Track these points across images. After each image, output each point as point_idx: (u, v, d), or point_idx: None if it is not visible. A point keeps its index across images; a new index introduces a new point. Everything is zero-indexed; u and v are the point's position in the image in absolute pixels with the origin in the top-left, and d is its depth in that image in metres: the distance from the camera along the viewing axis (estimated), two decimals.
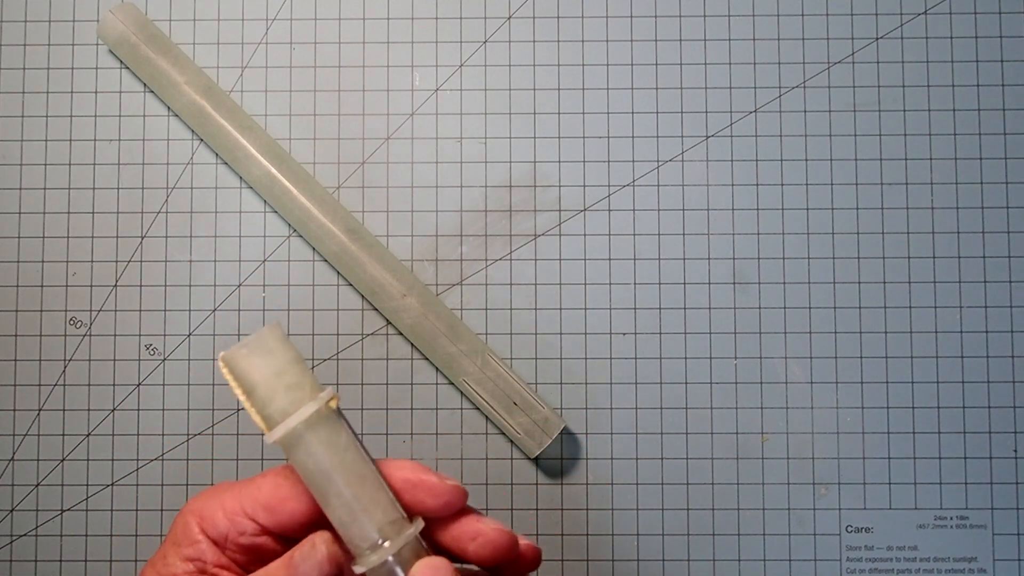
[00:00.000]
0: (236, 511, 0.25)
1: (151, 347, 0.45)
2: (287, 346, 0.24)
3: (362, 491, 0.24)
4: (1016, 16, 0.46)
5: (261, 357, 0.23)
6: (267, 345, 0.24)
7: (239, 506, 0.25)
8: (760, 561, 0.44)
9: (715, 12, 0.46)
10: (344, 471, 0.24)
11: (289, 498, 0.25)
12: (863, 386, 0.45)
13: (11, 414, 0.45)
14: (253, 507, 0.25)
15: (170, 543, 0.26)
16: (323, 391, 0.24)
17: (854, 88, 0.46)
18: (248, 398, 0.24)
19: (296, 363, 0.24)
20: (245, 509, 0.25)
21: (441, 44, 0.46)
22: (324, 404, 0.24)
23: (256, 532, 0.25)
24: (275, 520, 0.25)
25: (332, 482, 0.24)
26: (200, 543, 0.25)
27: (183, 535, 0.26)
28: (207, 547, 0.25)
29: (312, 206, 0.44)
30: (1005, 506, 0.44)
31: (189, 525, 0.26)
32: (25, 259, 0.46)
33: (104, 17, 0.45)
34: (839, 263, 0.45)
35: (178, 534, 0.26)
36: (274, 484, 0.25)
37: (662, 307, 0.45)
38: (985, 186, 0.45)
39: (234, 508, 0.25)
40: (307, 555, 0.24)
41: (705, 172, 0.46)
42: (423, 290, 0.44)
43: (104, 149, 0.46)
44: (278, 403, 0.23)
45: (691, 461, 0.45)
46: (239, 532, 0.25)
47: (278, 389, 0.23)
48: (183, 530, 0.26)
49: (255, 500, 0.25)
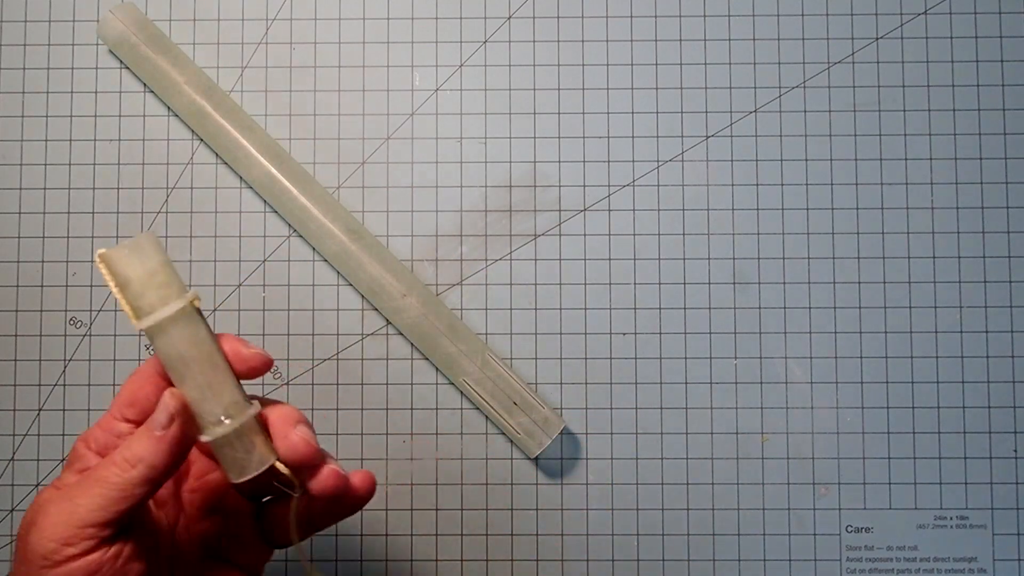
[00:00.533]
0: (107, 421, 0.30)
1: (151, 347, 0.45)
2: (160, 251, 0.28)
3: (214, 377, 0.28)
4: (1016, 16, 0.46)
5: (136, 257, 0.27)
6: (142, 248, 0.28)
7: (109, 415, 0.30)
8: (760, 561, 0.44)
9: (715, 12, 0.46)
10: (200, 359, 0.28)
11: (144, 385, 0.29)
12: (863, 386, 0.45)
13: (11, 414, 0.45)
14: (119, 408, 0.30)
15: (64, 470, 0.30)
16: (188, 292, 0.28)
17: (854, 88, 0.46)
18: (122, 292, 0.27)
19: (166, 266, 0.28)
20: (113, 414, 0.30)
21: (441, 44, 0.46)
22: (188, 303, 0.28)
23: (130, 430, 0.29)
24: (139, 410, 0.29)
25: (188, 367, 0.28)
26: (86, 455, 0.29)
27: (73, 459, 0.30)
28: (92, 457, 0.29)
29: (312, 206, 0.44)
30: (1005, 506, 0.44)
31: (77, 448, 0.30)
32: (25, 259, 0.46)
33: (104, 17, 0.45)
34: (839, 263, 0.45)
35: (70, 459, 0.30)
36: (129, 382, 0.30)
37: (662, 307, 0.45)
38: (985, 186, 0.45)
39: (106, 420, 0.30)
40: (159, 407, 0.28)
41: (705, 172, 0.46)
42: (423, 290, 0.44)
43: (104, 149, 0.46)
44: (148, 298, 0.27)
45: (691, 461, 0.45)
46: (116, 435, 0.29)
47: (150, 286, 0.27)
48: (73, 455, 0.30)
49: (119, 402, 0.30)
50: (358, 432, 0.45)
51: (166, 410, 0.28)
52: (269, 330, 0.45)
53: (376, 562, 0.44)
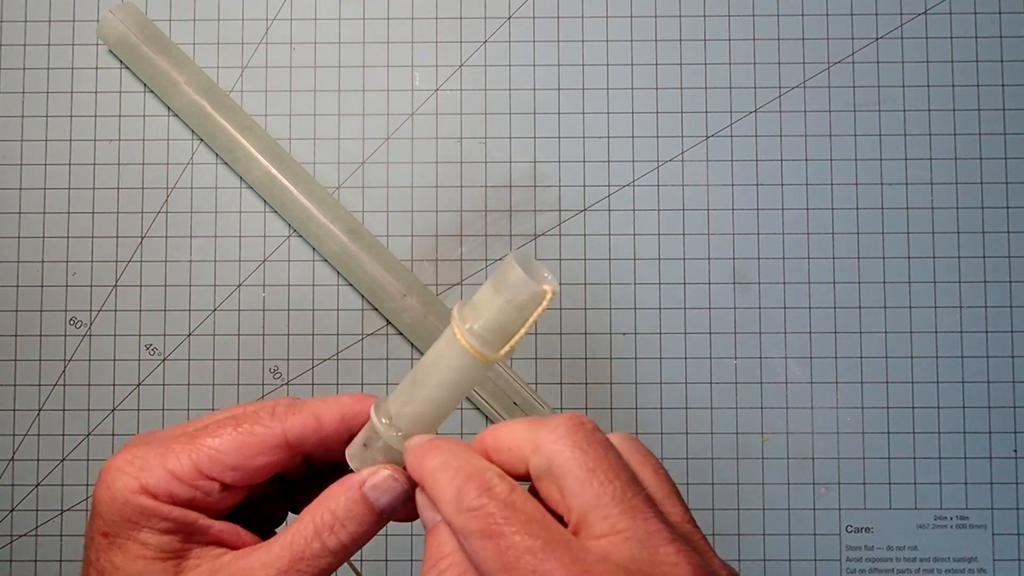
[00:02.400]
0: (193, 476, 0.25)
1: (151, 347, 0.45)
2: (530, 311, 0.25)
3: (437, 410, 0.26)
4: (1016, 16, 0.46)
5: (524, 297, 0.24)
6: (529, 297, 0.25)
7: (194, 470, 0.25)
8: (760, 561, 0.44)
9: (715, 12, 0.46)
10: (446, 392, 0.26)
11: (259, 454, 0.25)
12: (863, 386, 0.45)
13: (11, 414, 0.45)
14: (215, 469, 0.25)
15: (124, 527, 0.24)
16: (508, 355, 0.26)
17: (854, 88, 0.46)
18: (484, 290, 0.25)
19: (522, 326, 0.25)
20: (204, 471, 0.25)
21: (441, 44, 0.46)
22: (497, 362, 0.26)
23: (221, 489, 0.25)
24: (243, 477, 0.25)
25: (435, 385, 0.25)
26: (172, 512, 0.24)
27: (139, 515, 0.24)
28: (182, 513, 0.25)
29: (312, 206, 0.44)
30: (1005, 506, 0.44)
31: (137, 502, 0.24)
32: (25, 259, 0.46)
33: (104, 17, 0.45)
34: (839, 263, 0.45)
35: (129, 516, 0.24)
36: (238, 443, 0.25)
37: (662, 307, 0.45)
38: (985, 186, 0.45)
39: (190, 473, 0.25)
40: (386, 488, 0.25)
41: (705, 172, 0.46)
42: (423, 290, 0.44)
43: (104, 149, 0.46)
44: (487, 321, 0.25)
45: (691, 461, 0.45)
46: (205, 494, 0.25)
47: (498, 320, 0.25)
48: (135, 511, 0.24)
49: (216, 462, 0.25)
50: None
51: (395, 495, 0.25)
52: (269, 330, 0.45)
53: (376, 562, 0.44)
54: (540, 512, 0.22)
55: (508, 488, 0.22)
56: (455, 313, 0.25)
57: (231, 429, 0.25)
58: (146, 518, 0.24)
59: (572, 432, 0.23)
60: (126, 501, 0.24)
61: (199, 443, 0.25)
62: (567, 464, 0.22)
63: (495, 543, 0.21)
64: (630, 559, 0.20)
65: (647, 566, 0.20)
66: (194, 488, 0.25)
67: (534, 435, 0.23)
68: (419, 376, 0.26)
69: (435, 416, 0.26)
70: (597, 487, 0.22)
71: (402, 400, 0.26)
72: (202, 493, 0.25)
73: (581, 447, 0.22)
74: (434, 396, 0.26)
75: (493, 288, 0.25)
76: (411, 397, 0.26)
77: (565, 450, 0.22)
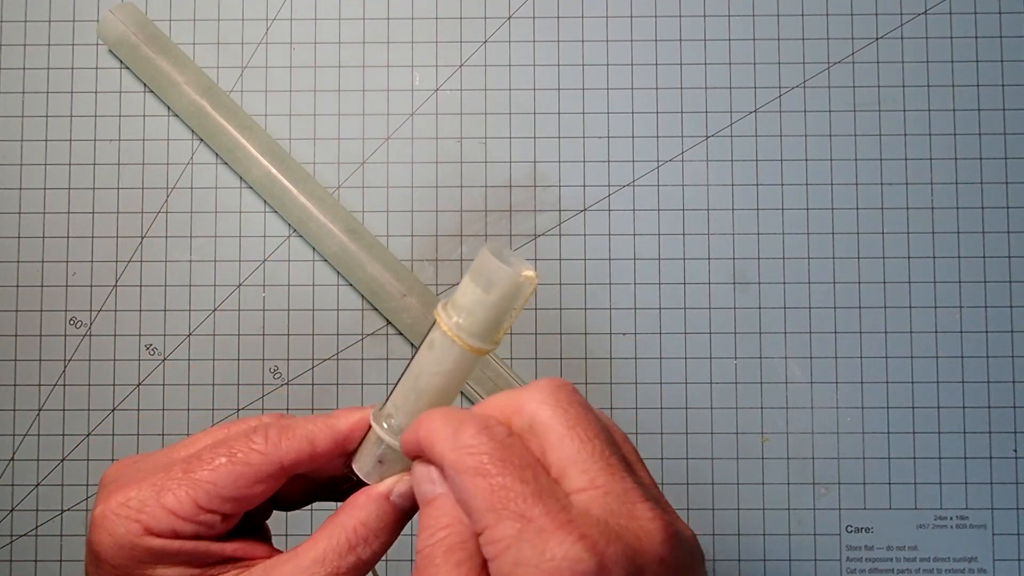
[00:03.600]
0: (193, 512, 0.24)
1: (151, 347, 0.45)
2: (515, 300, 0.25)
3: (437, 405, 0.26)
4: (1016, 16, 0.46)
5: (505, 285, 0.25)
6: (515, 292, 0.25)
7: (193, 506, 0.24)
8: (760, 561, 0.44)
9: (715, 12, 0.46)
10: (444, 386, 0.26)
11: (257, 482, 0.25)
12: (863, 386, 0.45)
13: (11, 414, 0.45)
14: (214, 502, 0.25)
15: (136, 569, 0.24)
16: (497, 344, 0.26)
17: (854, 88, 0.46)
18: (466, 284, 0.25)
19: (508, 315, 0.25)
20: (203, 506, 0.25)
21: (441, 44, 0.46)
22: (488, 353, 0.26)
23: (222, 520, 0.25)
24: (241, 505, 0.25)
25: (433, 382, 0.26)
26: (182, 546, 0.24)
27: (149, 556, 0.24)
28: (192, 545, 0.25)
29: (312, 206, 0.44)
30: (1005, 506, 0.44)
31: (145, 544, 0.24)
32: (25, 259, 0.46)
33: (104, 17, 0.45)
34: (839, 263, 0.45)
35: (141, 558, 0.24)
36: (234, 474, 0.25)
37: (662, 307, 0.45)
38: (985, 186, 0.45)
39: (190, 510, 0.24)
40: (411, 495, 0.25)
41: (705, 172, 0.46)
42: (423, 290, 0.44)
43: (104, 149, 0.46)
44: (474, 315, 0.25)
45: (691, 461, 0.45)
46: (208, 527, 0.25)
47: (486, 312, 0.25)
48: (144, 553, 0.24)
49: (214, 496, 0.25)
50: None
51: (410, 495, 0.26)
52: (269, 330, 0.45)
53: None
54: (533, 459, 0.22)
55: (505, 432, 0.23)
56: (440, 312, 0.25)
57: (225, 460, 0.25)
58: (157, 557, 0.24)
59: (554, 392, 0.23)
60: (134, 545, 0.24)
61: (193, 477, 0.25)
62: (548, 421, 0.23)
63: (487, 482, 0.21)
64: (609, 513, 0.21)
65: (624, 520, 0.21)
66: (196, 524, 0.24)
67: (516, 399, 0.24)
68: (415, 379, 0.26)
69: None
70: (577, 443, 0.22)
71: (400, 405, 0.26)
72: (205, 527, 0.25)
73: (562, 406, 0.23)
74: (433, 396, 0.26)
75: (472, 282, 0.25)
76: (408, 400, 0.26)
77: (547, 408, 0.23)
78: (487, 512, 0.21)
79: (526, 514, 0.21)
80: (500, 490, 0.21)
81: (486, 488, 0.21)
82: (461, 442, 0.22)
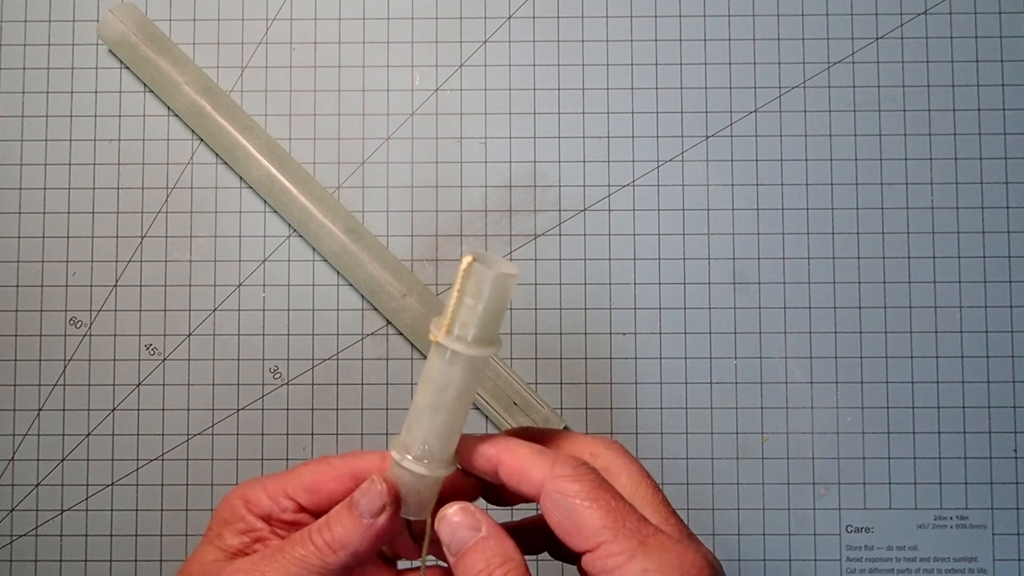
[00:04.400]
0: (278, 493, 0.28)
1: (151, 347, 0.45)
2: (507, 301, 0.26)
3: (457, 425, 0.27)
4: (1016, 16, 0.46)
5: (498, 292, 0.25)
6: (505, 291, 0.26)
7: (281, 489, 0.28)
8: (760, 561, 0.44)
9: (715, 12, 0.46)
10: (459, 403, 0.26)
11: (330, 480, 0.28)
12: (863, 386, 0.45)
13: (11, 414, 0.45)
14: (295, 489, 0.28)
15: (220, 523, 0.29)
16: (498, 345, 0.27)
17: (854, 88, 0.46)
18: (459, 299, 0.26)
19: (503, 318, 0.26)
20: (287, 491, 0.28)
21: (441, 44, 0.46)
22: (493, 356, 0.27)
23: (296, 510, 0.28)
24: (314, 499, 0.28)
25: (446, 399, 0.26)
26: (248, 518, 0.28)
27: (232, 515, 0.28)
28: (255, 521, 0.28)
29: (312, 206, 0.44)
30: (1005, 506, 0.44)
31: (236, 507, 0.28)
32: (25, 259, 0.46)
33: (104, 17, 0.45)
34: (839, 263, 0.45)
35: (226, 516, 0.29)
36: (316, 470, 0.28)
37: (662, 307, 0.45)
38: (985, 186, 0.45)
39: (276, 490, 0.28)
40: (366, 489, 0.26)
41: (705, 172, 0.46)
42: (423, 290, 0.44)
43: (104, 149, 0.46)
44: (473, 329, 0.26)
45: (691, 461, 0.45)
46: (281, 510, 0.28)
47: (483, 321, 0.26)
48: (231, 512, 0.28)
49: (297, 483, 0.28)
50: (358, 432, 0.45)
51: (380, 498, 0.26)
52: (269, 330, 0.45)
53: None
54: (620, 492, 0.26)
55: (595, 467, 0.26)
56: (434, 329, 0.26)
57: (314, 464, 0.29)
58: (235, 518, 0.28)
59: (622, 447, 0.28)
60: (227, 501, 0.29)
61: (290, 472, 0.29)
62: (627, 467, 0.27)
63: (599, 505, 0.24)
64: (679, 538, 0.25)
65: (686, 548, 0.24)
66: (274, 502, 0.28)
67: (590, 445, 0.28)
68: (428, 400, 0.26)
69: (457, 430, 0.27)
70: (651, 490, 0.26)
71: (418, 431, 0.27)
72: (278, 508, 0.28)
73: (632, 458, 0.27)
74: (450, 413, 0.26)
75: (461, 292, 0.25)
76: (424, 423, 0.27)
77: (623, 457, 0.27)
78: (602, 530, 0.24)
79: (641, 531, 0.24)
80: (614, 512, 0.24)
81: (600, 510, 0.24)
82: (562, 471, 0.25)
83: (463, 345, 0.26)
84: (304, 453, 0.45)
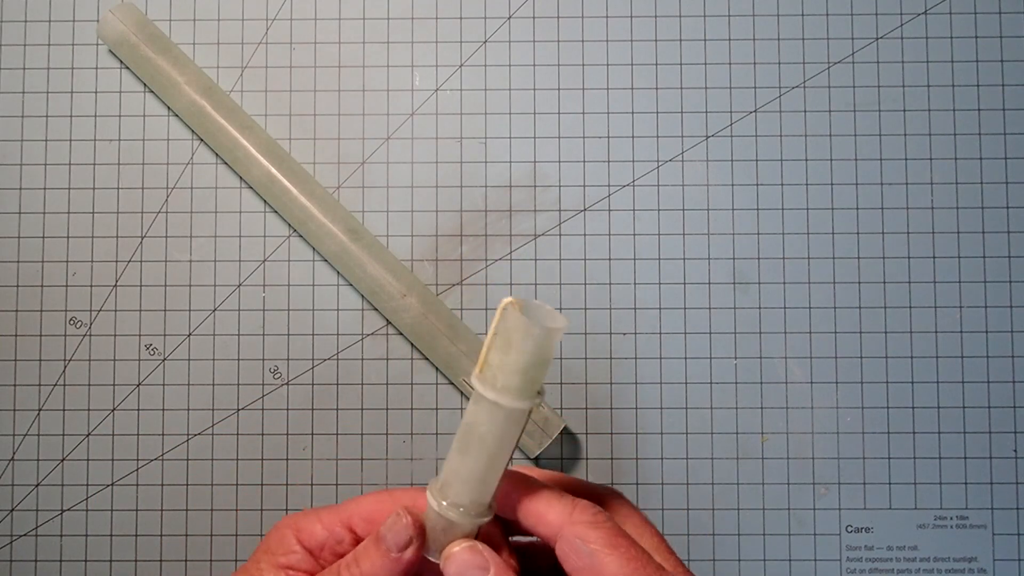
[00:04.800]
0: (334, 523, 0.28)
1: (151, 347, 0.45)
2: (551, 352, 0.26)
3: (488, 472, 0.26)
4: (1016, 16, 0.46)
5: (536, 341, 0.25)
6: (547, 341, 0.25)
7: (337, 519, 0.28)
8: (760, 561, 0.44)
9: (715, 12, 0.46)
10: (495, 450, 0.26)
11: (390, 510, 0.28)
12: (863, 386, 0.45)
13: (11, 414, 0.45)
14: (353, 519, 0.28)
15: (264, 551, 0.28)
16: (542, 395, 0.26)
17: (854, 88, 0.46)
18: (492, 343, 0.25)
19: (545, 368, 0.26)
20: (343, 520, 0.28)
21: (441, 44, 0.46)
22: (535, 407, 0.26)
23: (352, 542, 0.28)
24: (372, 530, 0.28)
25: (483, 447, 0.26)
26: (296, 553, 0.28)
27: (278, 545, 0.28)
28: (302, 557, 0.28)
29: (312, 206, 0.44)
30: (1005, 506, 0.44)
31: (286, 536, 0.28)
32: (25, 259, 0.46)
33: (104, 17, 0.45)
34: (839, 263, 0.45)
35: (272, 544, 0.28)
36: (376, 500, 0.28)
37: (662, 307, 0.45)
38: (985, 186, 0.45)
39: (332, 520, 0.28)
40: (392, 524, 0.26)
41: (705, 172, 0.46)
42: (423, 290, 0.44)
43: (104, 149, 0.46)
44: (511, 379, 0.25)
45: (691, 461, 0.45)
46: (336, 541, 0.28)
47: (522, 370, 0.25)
48: (278, 541, 0.28)
49: (355, 513, 0.28)
50: (358, 432, 0.45)
51: (407, 531, 0.26)
52: (269, 330, 0.45)
53: None
54: None
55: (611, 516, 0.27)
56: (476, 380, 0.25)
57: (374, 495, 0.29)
58: (283, 550, 0.28)
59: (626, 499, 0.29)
60: (277, 529, 0.29)
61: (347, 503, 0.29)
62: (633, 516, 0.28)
63: (620, 551, 0.25)
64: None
65: None
66: (329, 532, 0.28)
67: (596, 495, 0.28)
68: (467, 448, 0.26)
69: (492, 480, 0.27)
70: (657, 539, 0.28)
71: (453, 481, 0.26)
72: (334, 539, 0.28)
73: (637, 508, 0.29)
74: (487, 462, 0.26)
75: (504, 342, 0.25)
76: (463, 470, 0.26)
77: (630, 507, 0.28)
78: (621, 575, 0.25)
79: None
80: (634, 560, 0.25)
81: (621, 558, 0.25)
82: (581, 517, 0.26)
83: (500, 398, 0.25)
84: (304, 453, 0.45)
